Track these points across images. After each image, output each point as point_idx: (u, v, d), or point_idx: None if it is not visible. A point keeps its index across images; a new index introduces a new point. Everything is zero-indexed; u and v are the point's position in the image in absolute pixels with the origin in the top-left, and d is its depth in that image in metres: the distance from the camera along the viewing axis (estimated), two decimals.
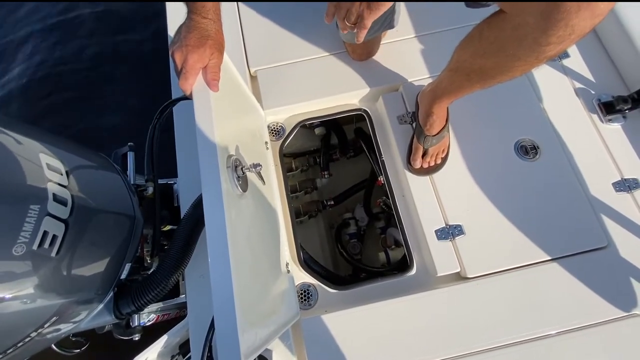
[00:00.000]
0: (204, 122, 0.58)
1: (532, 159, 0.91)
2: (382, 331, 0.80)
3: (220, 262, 0.47)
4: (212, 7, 0.63)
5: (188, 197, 0.94)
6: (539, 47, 0.55)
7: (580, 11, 0.48)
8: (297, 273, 0.89)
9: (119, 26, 2.21)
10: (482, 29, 0.64)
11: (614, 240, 0.84)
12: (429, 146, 0.88)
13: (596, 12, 0.48)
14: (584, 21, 0.49)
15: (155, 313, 1.03)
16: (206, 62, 0.62)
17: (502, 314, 0.80)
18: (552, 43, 0.53)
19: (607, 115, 0.94)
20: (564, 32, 0.51)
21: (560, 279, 0.82)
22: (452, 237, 0.85)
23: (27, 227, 0.54)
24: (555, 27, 0.51)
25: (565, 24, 0.50)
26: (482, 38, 0.64)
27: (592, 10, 0.48)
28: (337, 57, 1.05)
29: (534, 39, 0.55)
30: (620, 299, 0.80)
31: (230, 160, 0.62)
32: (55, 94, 2.04)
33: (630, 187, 0.88)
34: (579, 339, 0.77)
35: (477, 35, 0.65)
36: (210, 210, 0.51)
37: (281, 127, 1.04)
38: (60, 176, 0.62)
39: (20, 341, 0.61)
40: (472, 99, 0.83)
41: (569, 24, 0.50)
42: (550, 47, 0.54)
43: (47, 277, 0.58)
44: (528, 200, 0.88)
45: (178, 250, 0.77)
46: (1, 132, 0.58)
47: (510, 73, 0.65)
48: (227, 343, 0.45)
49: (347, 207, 1.36)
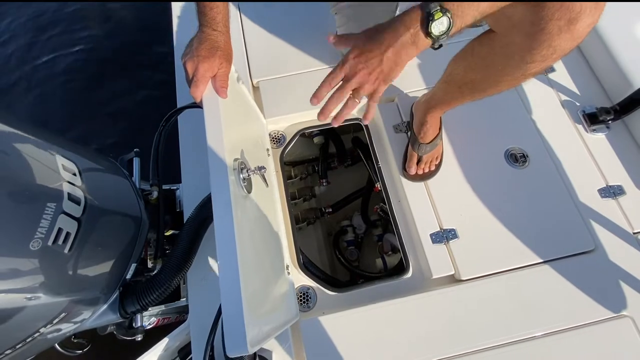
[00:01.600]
0: (213, 125, 0.62)
1: (522, 167, 0.95)
2: (378, 332, 0.82)
3: (228, 252, 0.51)
4: (222, 21, 0.68)
5: (191, 202, 0.98)
6: (525, 64, 0.61)
7: (561, 34, 0.54)
8: (297, 276, 0.92)
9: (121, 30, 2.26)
10: (474, 45, 0.69)
11: (600, 244, 0.88)
12: (423, 153, 0.93)
13: (575, 35, 0.54)
14: (565, 42, 0.55)
15: (156, 316, 1.04)
16: (215, 71, 0.66)
17: (494, 315, 0.83)
18: (537, 61, 0.59)
19: (592, 125, 0.99)
20: (547, 51, 0.57)
21: (550, 281, 0.85)
22: (446, 241, 0.89)
23: (44, 224, 0.57)
24: (539, 47, 0.56)
25: (549, 44, 0.55)
26: (474, 54, 0.69)
27: (572, 34, 0.54)
28: None
29: (520, 57, 0.60)
30: (608, 300, 0.83)
31: (236, 163, 0.66)
32: (58, 99, 2.08)
33: (615, 193, 0.92)
34: (569, 340, 0.80)
35: (469, 51, 0.71)
36: (218, 202, 0.55)
37: (282, 135, 1.08)
38: (74, 176, 0.65)
39: (30, 336, 0.63)
40: (464, 110, 0.89)
41: (552, 45, 0.55)
42: (535, 65, 0.60)
43: (60, 273, 0.61)
44: (518, 206, 0.92)
45: (182, 251, 0.80)
46: (21, 135, 0.62)
47: (499, 87, 0.70)
48: (234, 330, 0.48)
49: (345, 215, 1.40)
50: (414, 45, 0.56)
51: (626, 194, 0.92)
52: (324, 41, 1.14)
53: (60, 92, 2.10)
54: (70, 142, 0.73)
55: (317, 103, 0.61)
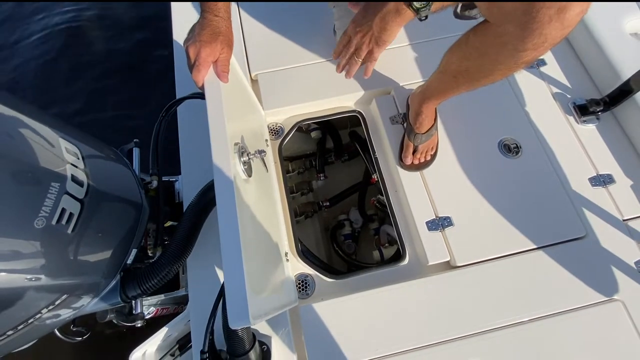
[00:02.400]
0: (215, 108, 0.63)
1: (515, 157, 0.98)
2: (376, 317, 0.84)
3: (230, 229, 0.52)
4: (223, 7, 0.69)
5: (191, 194, 0.98)
6: (517, 52, 0.63)
7: (552, 22, 0.56)
8: (295, 263, 0.93)
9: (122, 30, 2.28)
10: (469, 35, 0.72)
11: (591, 230, 0.90)
12: (419, 143, 0.95)
13: (565, 24, 0.56)
14: (555, 31, 0.57)
15: (155, 306, 1.05)
16: (217, 56, 0.68)
17: (489, 300, 0.84)
18: (529, 49, 0.61)
19: (582, 116, 1.02)
20: (538, 39, 0.59)
21: (543, 267, 0.87)
22: (441, 228, 0.91)
23: (48, 203, 0.58)
24: (531, 35, 0.59)
25: (540, 32, 0.58)
26: (469, 44, 0.72)
27: (562, 22, 0.56)
28: (333, 62, 1.12)
29: (513, 46, 0.63)
30: (599, 285, 0.85)
31: (237, 147, 0.67)
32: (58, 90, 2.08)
33: (604, 181, 0.95)
34: (562, 323, 0.82)
35: (464, 41, 0.73)
36: (221, 180, 0.56)
37: (280, 127, 1.10)
38: (77, 160, 0.66)
39: (32, 317, 0.64)
40: (459, 101, 0.91)
41: (543, 33, 0.58)
42: (527, 53, 0.62)
43: (62, 253, 0.62)
44: (512, 194, 0.94)
45: (183, 237, 0.81)
46: (26, 118, 0.63)
47: (493, 76, 0.72)
48: (236, 303, 0.49)
49: (342, 209, 1.41)
50: (397, 13, 0.74)
51: (616, 183, 0.95)
52: (322, 34, 1.18)
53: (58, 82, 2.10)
54: (72, 128, 0.74)
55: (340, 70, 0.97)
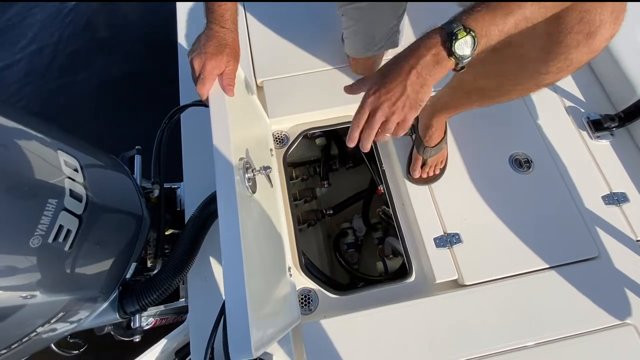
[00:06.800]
0: (220, 123, 0.61)
1: (526, 172, 0.95)
2: (380, 336, 0.81)
3: (233, 254, 0.50)
4: (230, 18, 0.67)
5: (192, 201, 0.96)
6: (539, 75, 0.60)
7: (579, 47, 0.53)
8: (298, 278, 0.91)
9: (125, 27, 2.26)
10: (487, 53, 0.69)
11: (604, 251, 0.88)
12: (428, 157, 0.92)
13: (593, 49, 0.54)
14: (582, 55, 0.54)
15: (154, 317, 1.03)
16: (223, 68, 0.65)
17: (497, 321, 0.82)
18: (551, 72, 0.58)
19: (596, 132, 0.99)
20: (563, 64, 0.56)
21: (554, 288, 0.84)
22: (450, 245, 0.88)
23: (45, 220, 0.55)
24: (555, 59, 0.56)
25: (565, 57, 0.55)
26: (486, 61, 0.67)
27: (590, 47, 0.53)
28: (340, 70, 1.10)
29: (534, 68, 0.59)
30: (611, 308, 0.82)
31: (242, 162, 0.65)
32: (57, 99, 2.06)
33: (618, 200, 0.92)
34: (572, 347, 0.79)
35: (479, 58, 0.70)
36: (224, 202, 0.53)
37: (285, 136, 1.07)
38: (76, 172, 0.64)
39: (27, 335, 0.62)
40: (470, 114, 0.88)
41: (569, 57, 0.55)
42: (550, 76, 0.59)
43: (59, 271, 0.59)
44: (522, 211, 0.91)
45: (183, 251, 0.79)
46: (23, 129, 0.61)
47: (509, 95, 0.69)
48: (238, 335, 0.46)
49: (345, 217, 1.39)
50: (438, 65, 0.52)
51: (630, 202, 0.92)
52: (329, 42, 1.15)
53: (60, 88, 2.09)
54: (72, 137, 0.72)
55: (352, 145, 0.58)
